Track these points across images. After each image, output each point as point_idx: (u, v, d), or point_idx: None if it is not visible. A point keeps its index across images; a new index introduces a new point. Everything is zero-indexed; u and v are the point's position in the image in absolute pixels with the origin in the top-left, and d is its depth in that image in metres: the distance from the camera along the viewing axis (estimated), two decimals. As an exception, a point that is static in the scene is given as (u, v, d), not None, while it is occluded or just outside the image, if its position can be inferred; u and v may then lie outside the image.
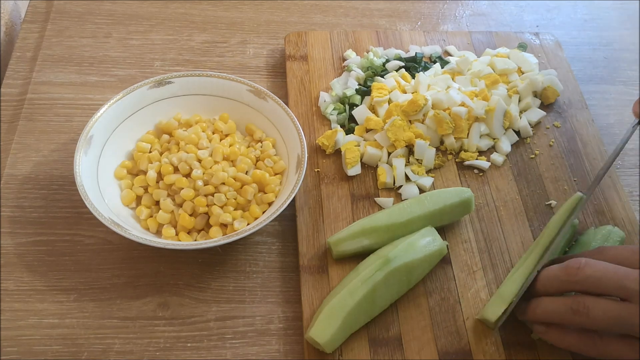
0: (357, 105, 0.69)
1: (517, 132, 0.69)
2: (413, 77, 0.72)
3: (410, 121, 0.67)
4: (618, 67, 0.81)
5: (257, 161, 0.62)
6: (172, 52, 0.75)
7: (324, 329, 0.51)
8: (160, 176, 0.60)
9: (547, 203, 0.64)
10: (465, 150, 0.67)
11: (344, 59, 0.75)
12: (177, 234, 0.58)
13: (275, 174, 0.62)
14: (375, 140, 0.66)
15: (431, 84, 0.70)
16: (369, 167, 0.65)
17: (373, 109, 0.68)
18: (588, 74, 0.80)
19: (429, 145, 0.65)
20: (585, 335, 0.49)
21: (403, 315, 0.55)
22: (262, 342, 0.55)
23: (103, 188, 0.58)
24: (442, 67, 0.74)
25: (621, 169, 0.70)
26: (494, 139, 0.68)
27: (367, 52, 0.75)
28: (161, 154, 0.62)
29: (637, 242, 0.61)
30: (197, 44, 0.77)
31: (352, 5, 0.84)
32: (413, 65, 0.73)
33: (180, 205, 0.58)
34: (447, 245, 0.58)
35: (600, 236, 0.58)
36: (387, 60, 0.74)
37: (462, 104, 0.67)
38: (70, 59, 0.73)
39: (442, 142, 0.67)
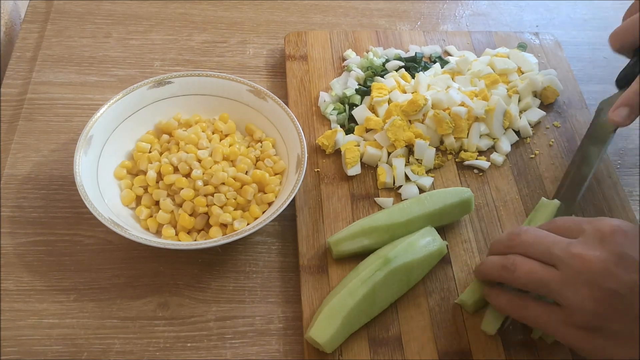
0: (357, 105, 0.69)
1: (517, 132, 0.69)
2: (413, 77, 0.72)
3: (410, 121, 0.67)
4: (618, 67, 0.80)
5: (257, 161, 0.62)
6: (172, 52, 0.75)
7: (323, 329, 0.51)
8: (160, 176, 0.60)
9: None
10: (465, 150, 0.67)
11: (344, 59, 0.75)
12: (177, 234, 0.58)
13: (275, 174, 0.62)
14: (375, 140, 0.66)
15: (431, 84, 0.70)
16: (369, 167, 0.65)
17: (373, 109, 0.68)
18: (588, 73, 0.80)
19: (429, 145, 0.65)
20: (516, 298, 0.51)
21: (403, 315, 0.55)
22: (262, 342, 0.55)
23: (103, 188, 0.58)
24: (441, 67, 0.74)
25: (621, 169, 0.70)
26: (494, 138, 0.68)
27: (367, 52, 0.75)
28: (161, 154, 0.62)
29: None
30: (197, 44, 0.77)
31: (352, 5, 0.84)
32: (413, 65, 0.73)
33: (180, 205, 0.58)
34: (446, 245, 0.58)
35: None
36: (387, 60, 0.74)
37: (462, 104, 0.67)
38: (70, 59, 0.73)
39: (442, 142, 0.67)
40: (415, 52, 0.74)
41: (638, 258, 0.46)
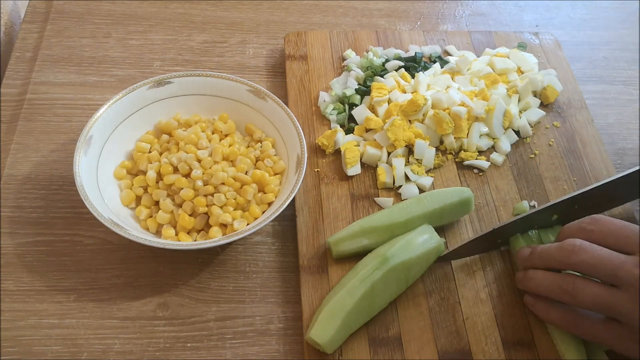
0: (356, 105, 0.69)
1: (517, 132, 0.69)
2: (413, 76, 0.72)
3: (409, 121, 0.67)
4: (617, 67, 0.81)
5: (256, 161, 0.62)
6: (172, 52, 0.75)
7: (324, 329, 0.51)
8: (159, 176, 0.60)
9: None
10: (465, 150, 0.67)
11: (344, 59, 0.75)
12: (176, 234, 0.58)
13: (275, 174, 0.62)
14: (375, 140, 0.66)
15: (431, 84, 0.70)
16: (369, 167, 0.65)
17: (373, 109, 0.68)
18: (587, 73, 0.80)
19: (429, 145, 0.65)
20: (569, 313, 0.51)
21: (403, 315, 0.55)
22: (262, 342, 0.55)
23: (103, 188, 0.58)
24: (441, 67, 0.74)
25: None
26: (494, 138, 0.68)
27: (367, 52, 0.75)
28: (161, 154, 0.62)
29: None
30: (196, 44, 0.77)
31: (352, 5, 0.84)
32: (413, 65, 0.73)
33: (179, 206, 0.58)
34: (444, 243, 0.58)
35: None
36: (387, 60, 0.74)
37: (462, 104, 0.67)
38: (69, 59, 0.73)
39: (441, 142, 0.67)
40: (415, 52, 0.74)
41: None
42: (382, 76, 0.71)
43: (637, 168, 0.58)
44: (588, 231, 0.51)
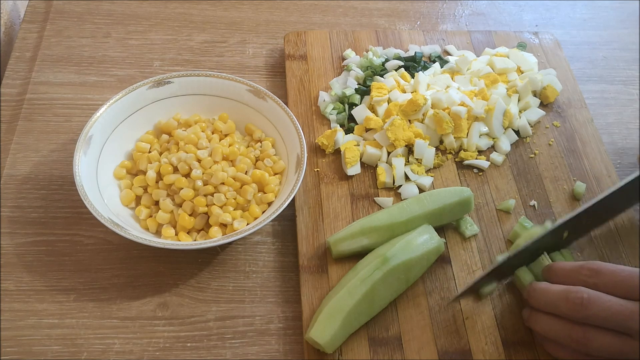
0: (356, 105, 0.69)
1: (517, 132, 0.69)
2: (412, 76, 0.72)
3: (409, 121, 0.67)
4: (617, 67, 0.81)
5: (256, 161, 0.62)
6: (172, 52, 0.75)
7: (324, 329, 0.51)
8: (159, 176, 0.60)
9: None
10: (465, 150, 0.67)
11: (344, 59, 0.75)
12: (176, 234, 0.58)
13: (275, 174, 0.62)
14: (375, 139, 0.66)
15: (430, 84, 0.70)
16: (369, 167, 0.65)
17: (372, 109, 0.68)
18: (587, 73, 0.80)
19: (429, 144, 0.65)
20: (580, 356, 0.49)
21: (403, 315, 0.55)
22: (262, 342, 0.55)
23: (102, 188, 0.58)
24: (441, 67, 0.74)
25: (620, 169, 0.70)
26: (494, 138, 0.68)
27: (367, 52, 0.75)
28: (160, 154, 0.62)
29: (637, 241, 0.61)
30: (196, 44, 0.77)
31: (351, 5, 0.84)
32: (412, 64, 0.73)
33: (179, 205, 0.58)
34: (444, 243, 0.58)
35: None
36: (387, 60, 0.74)
37: (462, 104, 0.67)
38: (69, 59, 0.73)
39: (441, 142, 0.67)
40: (415, 52, 0.74)
41: None
42: (381, 76, 0.71)
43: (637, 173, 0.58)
44: (590, 284, 0.49)
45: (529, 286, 0.53)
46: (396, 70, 0.73)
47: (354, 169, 0.64)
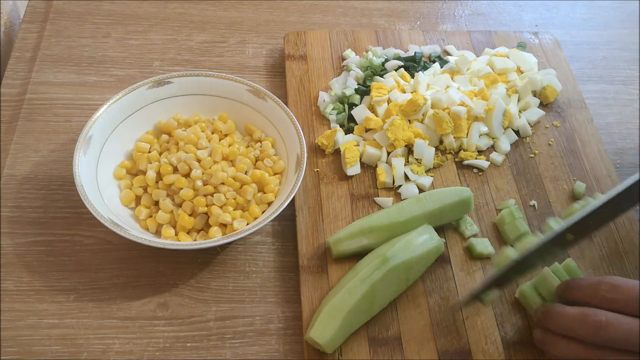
0: (356, 105, 0.69)
1: (517, 132, 0.69)
2: (412, 76, 0.72)
3: (409, 121, 0.67)
4: (617, 67, 0.81)
5: (256, 161, 0.62)
6: (171, 52, 0.75)
7: (324, 329, 0.51)
8: (159, 176, 0.60)
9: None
10: (465, 150, 0.67)
11: (343, 59, 0.75)
12: (176, 234, 0.58)
13: (275, 174, 0.62)
14: (375, 139, 0.66)
15: (430, 84, 0.70)
16: (368, 167, 0.65)
17: (372, 109, 0.68)
18: (587, 73, 0.80)
19: (428, 144, 0.65)
20: None
21: (403, 315, 0.55)
22: (262, 342, 0.55)
23: (102, 188, 0.58)
24: (441, 67, 0.74)
25: (620, 169, 0.70)
26: (493, 138, 0.68)
27: (366, 52, 0.75)
28: (160, 154, 0.62)
29: (637, 241, 0.61)
30: (196, 44, 0.77)
31: (351, 5, 0.84)
32: (412, 64, 0.73)
33: (179, 205, 0.58)
34: (444, 243, 0.58)
35: None
36: (386, 60, 0.74)
37: (462, 104, 0.67)
38: (69, 59, 0.73)
39: (441, 142, 0.67)
40: (415, 52, 0.74)
41: None
42: (381, 76, 0.71)
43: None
44: (609, 300, 0.48)
45: (543, 308, 0.52)
46: (396, 70, 0.73)
47: (353, 169, 0.64)
